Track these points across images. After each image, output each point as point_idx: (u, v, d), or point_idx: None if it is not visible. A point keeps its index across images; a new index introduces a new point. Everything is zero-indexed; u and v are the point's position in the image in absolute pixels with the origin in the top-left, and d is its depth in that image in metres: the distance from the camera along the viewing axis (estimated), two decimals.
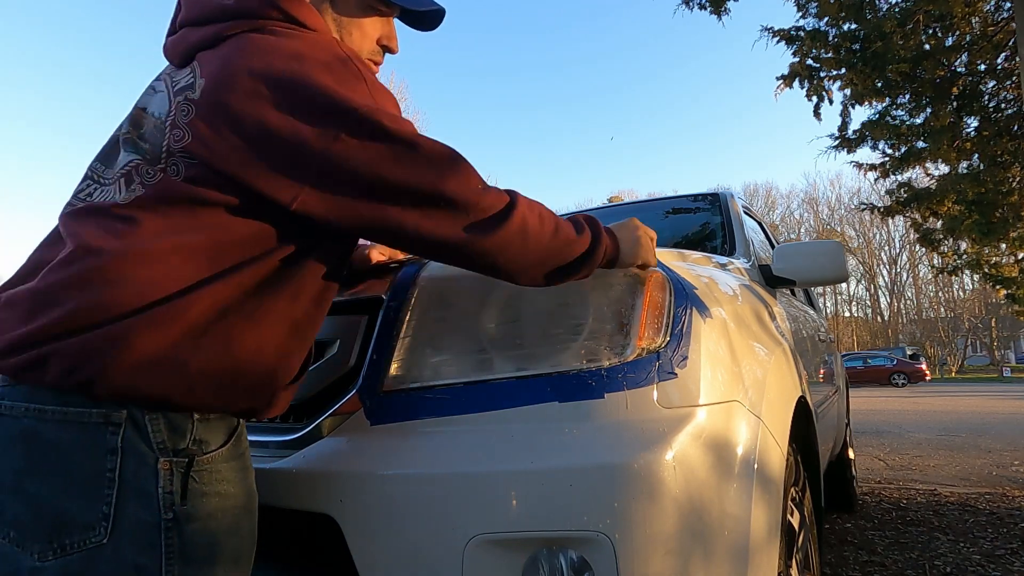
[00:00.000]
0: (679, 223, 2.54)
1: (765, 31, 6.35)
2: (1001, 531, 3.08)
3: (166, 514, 0.71)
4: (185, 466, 0.73)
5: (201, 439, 0.75)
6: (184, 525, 0.72)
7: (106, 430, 0.70)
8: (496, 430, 0.91)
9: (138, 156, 0.78)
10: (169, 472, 0.72)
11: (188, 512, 0.72)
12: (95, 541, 0.68)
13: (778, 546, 0.95)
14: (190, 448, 0.74)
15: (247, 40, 0.78)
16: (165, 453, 0.72)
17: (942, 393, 17.62)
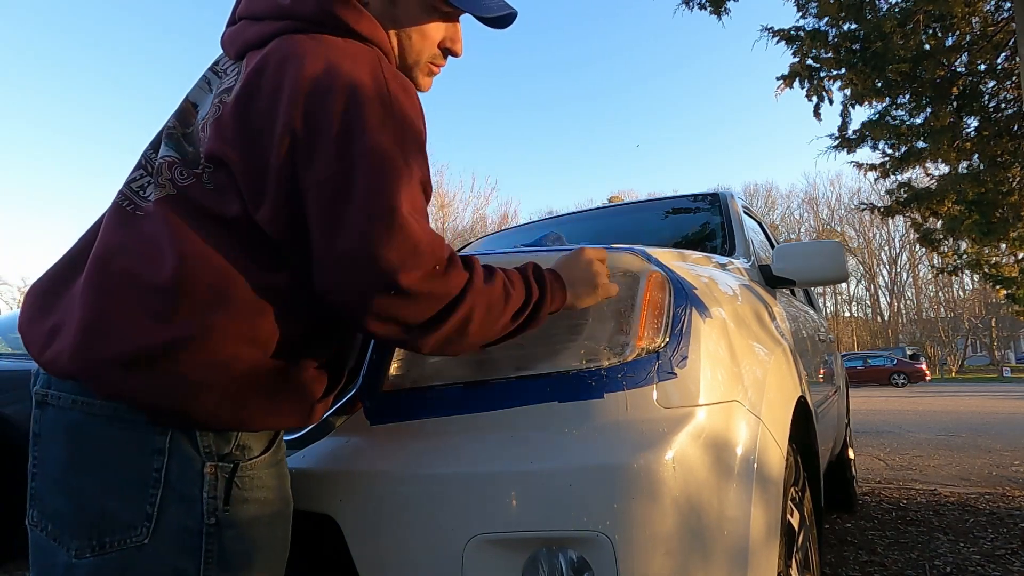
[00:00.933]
0: (679, 223, 2.54)
1: (765, 31, 6.36)
2: (1001, 531, 3.08)
3: (209, 519, 0.70)
4: (230, 471, 0.73)
5: (245, 444, 0.75)
6: (225, 531, 0.71)
7: (154, 430, 0.69)
8: (496, 430, 0.91)
9: (178, 155, 0.77)
10: (214, 477, 0.71)
11: (230, 518, 0.72)
12: (136, 541, 0.68)
13: (778, 546, 0.95)
14: (234, 453, 0.73)
15: (290, 44, 0.76)
16: (211, 457, 0.71)
17: (942, 393, 17.62)
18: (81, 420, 0.70)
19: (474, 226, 27.47)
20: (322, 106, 0.71)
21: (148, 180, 0.78)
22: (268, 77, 0.73)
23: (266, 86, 0.73)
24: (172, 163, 0.77)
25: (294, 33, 0.78)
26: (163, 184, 0.75)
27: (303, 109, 0.71)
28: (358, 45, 0.77)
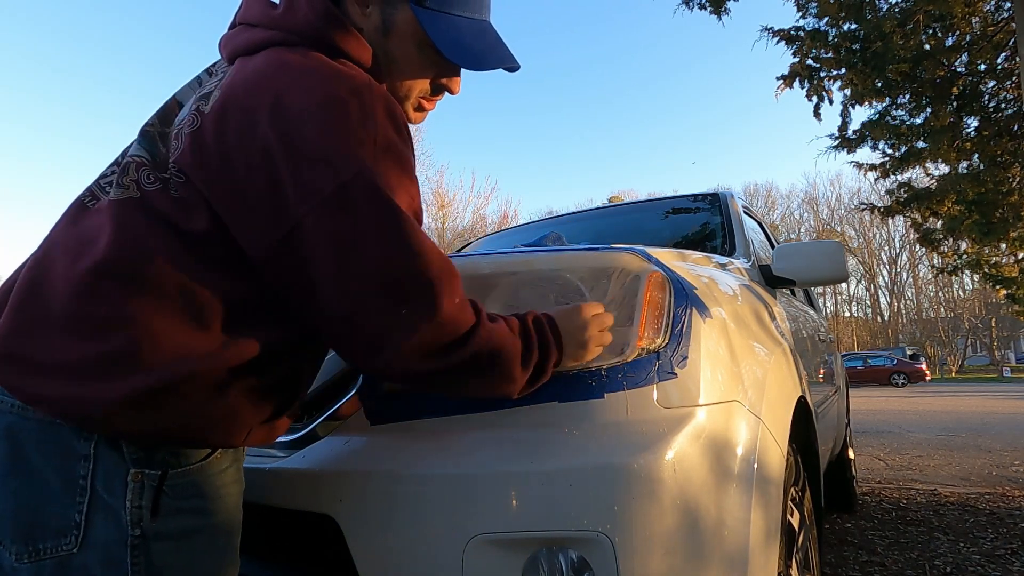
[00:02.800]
0: (679, 223, 2.54)
1: (765, 31, 6.36)
2: (1001, 531, 3.08)
3: (133, 531, 0.66)
4: (158, 479, 0.68)
5: (178, 452, 0.70)
6: (153, 543, 0.67)
7: (79, 436, 0.66)
8: (496, 430, 0.91)
9: (148, 156, 0.74)
10: (139, 485, 0.67)
11: (158, 530, 0.67)
12: (66, 550, 0.65)
13: (778, 546, 0.95)
14: (167, 460, 0.69)
15: (277, 58, 0.73)
16: (138, 464, 0.67)
17: (942, 393, 17.61)
18: (17, 423, 0.66)
19: (474, 226, 27.42)
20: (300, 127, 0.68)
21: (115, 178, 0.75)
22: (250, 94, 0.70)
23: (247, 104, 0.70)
24: (140, 164, 0.73)
25: (283, 45, 0.76)
26: (127, 185, 0.72)
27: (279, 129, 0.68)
28: (347, 67, 0.75)
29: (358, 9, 0.82)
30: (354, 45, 0.79)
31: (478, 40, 0.85)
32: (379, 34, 0.82)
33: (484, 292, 1.02)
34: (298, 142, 0.67)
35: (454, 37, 0.82)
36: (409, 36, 0.82)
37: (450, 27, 0.82)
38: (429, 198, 26.90)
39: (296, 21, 0.77)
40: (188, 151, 0.72)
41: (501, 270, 1.04)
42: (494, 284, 1.03)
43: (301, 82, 0.70)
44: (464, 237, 24.67)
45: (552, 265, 1.02)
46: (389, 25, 0.82)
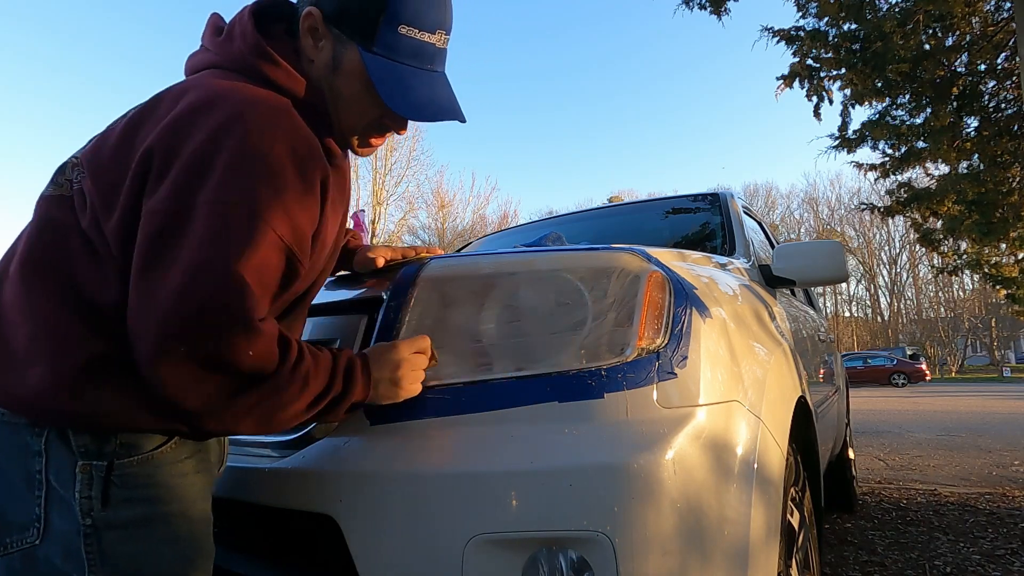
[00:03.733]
0: (679, 223, 2.54)
1: (765, 31, 6.36)
2: (1001, 531, 3.08)
3: (84, 520, 0.69)
4: (105, 470, 0.70)
5: (129, 443, 0.72)
6: (105, 532, 0.69)
7: (32, 432, 0.70)
8: (496, 430, 0.91)
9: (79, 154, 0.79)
10: (88, 476, 0.70)
11: (109, 519, 0.70)
12: (30, 543, 0.69)
13: (778, 546, 0.95)
14: (116, 451, 0.71)
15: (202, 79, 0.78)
16: (86, 456, 0.70)
17: (942, 393, 17.61)
18: None
19: (474, 226, 27.44)
20: (185, 137, 0.70)
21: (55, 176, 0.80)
22: (161, 104, 0.75)
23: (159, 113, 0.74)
24: (75, 163, 0.78)
25: (218, 69, 0.81)
26: (62, 183, 0.77)
27: (168, 136, 0.71)
28: (266, 93, 0.77)
29: (311, 42, 0.85)
30: (282, 76, 0.82)
31: (423, 90, 0.86)
32: (328, 69, 0.85)
33: (485, 291, 1.02)
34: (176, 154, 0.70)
35: (397, 85, 0.84)
36: (356, 76, 0.84)
37: (394, 75, 0.84)
38: (429, 198, 26.92)
39: (231, 50, 0.82)
40: (89, 149, 0.77)
41: (501, 270, 1.04)
42: (494, 284, 1.03)
43: (208, 101, 0.73)
44: (464, 237, 24.68)
45: (552, 265, 1.02)
46: (339, 62, 0.85)
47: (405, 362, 0.89)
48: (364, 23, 0.82)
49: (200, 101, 0.73)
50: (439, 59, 0.89)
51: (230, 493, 1.02)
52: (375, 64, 0.83)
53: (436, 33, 0.86)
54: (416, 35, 0.84)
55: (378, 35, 0.83)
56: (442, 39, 0.88)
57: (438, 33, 0.87)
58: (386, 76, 0.83)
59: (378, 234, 23.95)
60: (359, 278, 1.20)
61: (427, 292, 1.05)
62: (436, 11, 0.86)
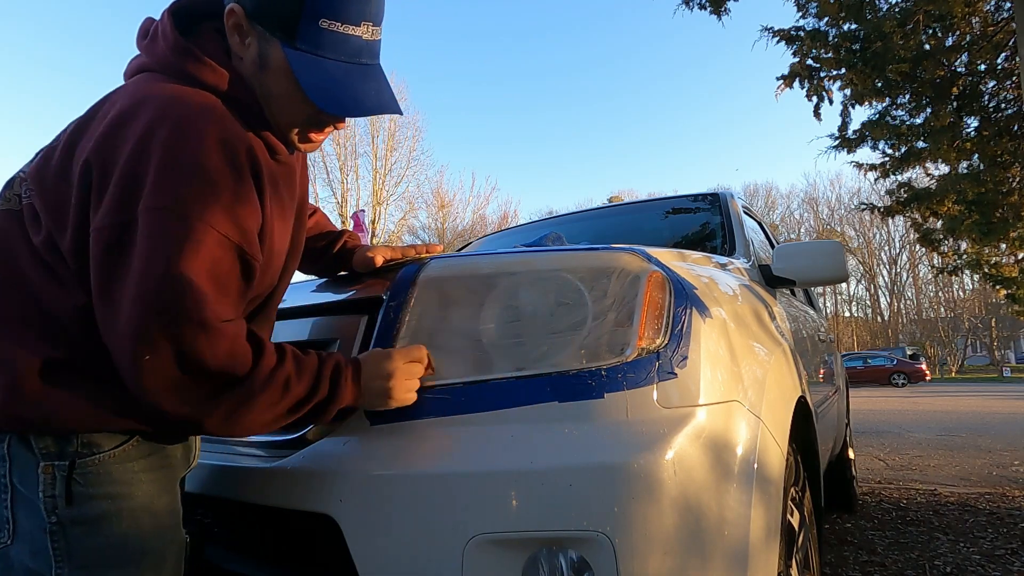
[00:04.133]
0: (679, 223, 2.54)
1: (765, 31, 6.36)
2: (1001, 531, 3.08)
3: (50, 519, 0.72)
4: (67, 469, 0.73)
5: (90, 442, 0.75)
6: (70, 529, 0.72)
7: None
8: (496, 430, 0.91)
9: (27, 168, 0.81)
10: (50, 476, 0.72)
11: (73, 516, 0.72)
12: (3, 543, 0.72)
13: (778, 546, 0.95)
14: (77, 451, 0.74)
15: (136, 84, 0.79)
16: (47, 457, 0.73)
17: (942, 393, 17.61)
18: None
19: (474, 226, 27.43)
20: (115, 149, 0.72)
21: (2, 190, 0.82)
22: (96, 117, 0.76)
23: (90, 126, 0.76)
24: (23, 178, 0.80)
25: (148, 72, 0.82)
26: (9, 197, 0.79)
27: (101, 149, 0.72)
28: (191, 92, 0.78)
29: (238, 39, 0.84)
30: (207, 73, 0.81)
31: (350, 85, 0.84)
32: (256, 67, 0.84)
33: (485, 291, 1.02)
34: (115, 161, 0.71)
35: (322, 81, 0.82)
36: (283, 73, 0.83)
37: (320, 70, 0.82)
38: (429, 198, 26.92)
39: (156, 52, 0.82)
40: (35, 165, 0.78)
41: (501, 270, 1.04)
42: (494, 284, 1.03)
43: (138, 109, 0.74)
44: (464, 237, 24.67)
45: (552, 265, 1.02)
46: (265, 59, 0.83)
47: (398, 371, 0.89)
48: (284, 19, 0.81)
49: (126, 109, 0.74)
50: (368, 51, 0.86)
51: (230, 493, 1.02)
52: (298, 60, 0.82)
53: (361, 25, 0.84)
54: (339, 28, 0.82)
55: (299, 30, 0.81)
56: (369, 30, 0.85)
57: (363, 25, 0.84)
58: (310, 72, 0.82)
59: (378, 234, 23.96)
60: (359, 278, 1.20)
61: (427, 292, 1.04)
62: (358, 3, 0.83)
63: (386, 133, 25.30)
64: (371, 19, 0.85)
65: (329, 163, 24.46)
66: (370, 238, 13.94)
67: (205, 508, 1.08)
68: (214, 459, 1.08)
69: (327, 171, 24.48)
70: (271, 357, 0.78)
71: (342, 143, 24.44)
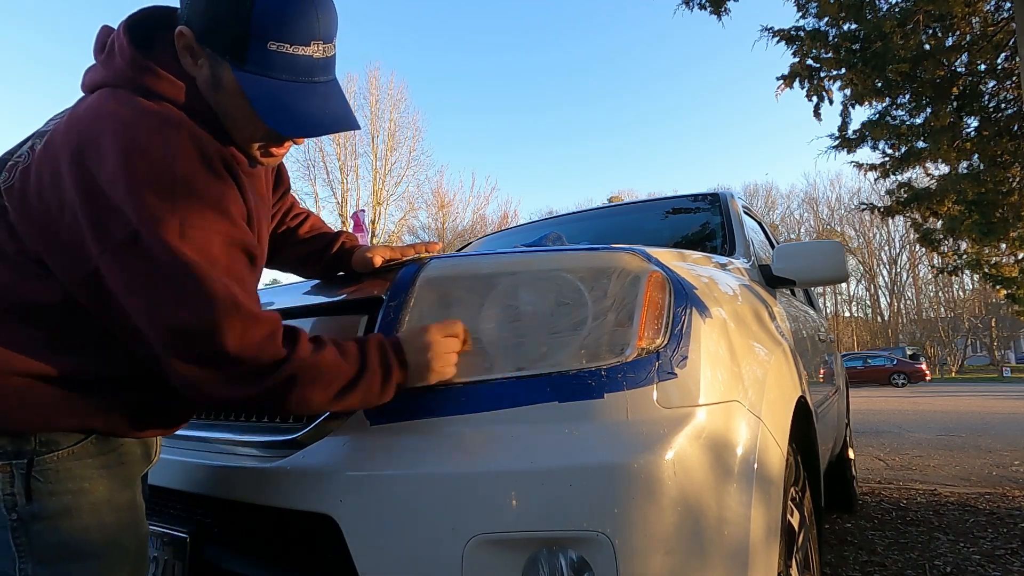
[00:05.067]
0: (679, 223, 2.54)
1: (765, 31, 6.36)
2: (1001, 531, 3.08)
3: (11, 515, 0.73)
4: (25, 467, 0.74)
5: (48, 440, 0.76)
6: (31, 524, 0.74)
7: None
8: (496, 430, 0.91)
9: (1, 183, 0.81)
10: (8, 475, 0.74)
11: (34, 512, 0.74)
12: None
13: (778, 546, 0.95)
14: (35, 449, 0.75)
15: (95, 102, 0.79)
16: (5, 456, 0.74)
17: (942, 393, 17.61)
18: None
19: (474, 226, 27.43)
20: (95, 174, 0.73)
21: None
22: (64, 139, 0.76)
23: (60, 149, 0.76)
24: None
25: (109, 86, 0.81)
26: None
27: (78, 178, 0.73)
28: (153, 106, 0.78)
29: (190, 60, 0.84)
30: (166, 87, 0.82)
31: (303, 105, 0.84)
32: (210, 88, 0.84)
33: (485, 291, 1.02)
34: (94, 188, 0.73)
35: (275, 102, 0.82)
36: (236, 94, 0.83)
37: (272, 92, 0.82)
38: (429, 198, 26.92)
39: (114, 66, 0.82)
40: (16, 187, 0.79)
41: (501, 270, 1.04)
42: (494, 284, 1.03)
43: (105, 128, 0.75)
44: (464, 237, 24.67)
45: (552, 265, 1.02)
46: (218, 81, 0.83)
47: (437, 344, 0.91)
48: (232, 42, 0.80)
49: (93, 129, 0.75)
50: (320, 69, 0.85)
51: (230, 493, 1.02)
52: (249, 82, 0.81)
53: (311, 45, 0.83)
54: (288, 50, 0.81)
55: (248, 54, 0.80)
56: (319, 48, 0.84)
57: (313, 44, 0.83)
58: (261, 94, 0.81)
59: (378, 234, 23.96)
60: (358, 278, 1.20)
61: (427, 292, 1.04)
62: (306, 24, 0.82)
63: (386, 133, 25.32)
64: (321, 37, 0.84)
65: (329, 163, 24.47)
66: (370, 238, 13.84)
67: (205, 508, 1.08)
68: (214, 459, 1.08)
69: (327, 171, 24.50)
70: (306, 341, 0.81)
71: (342, 143, 24.45)
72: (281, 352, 0.78)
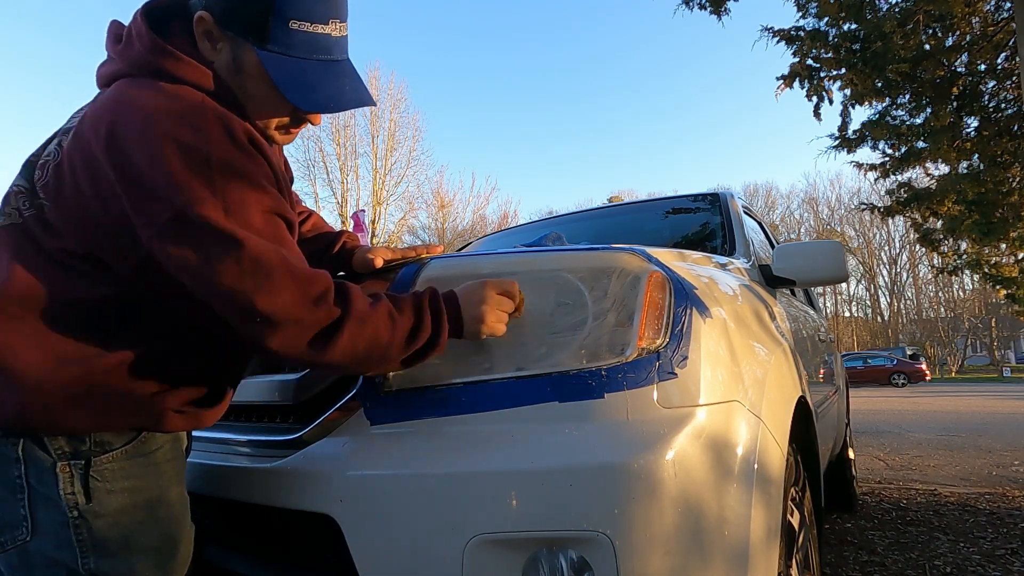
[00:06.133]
0: (679, 223, 2.54)
1: (765, 31, 6.35)
2: (1001, 531, 3.08)
3: (71, 513, 0.76)
4: (83, 467, 0.77)
5: (102, 440, 0.79)
6: (93, 521, 0.76)
7: (7, 442, 0.76)
8: (496, 430, 0.91)
9: (27, 184, 0.82)
10: (69, 475, 0.76)
11: (95, 509, 0.77)
12: (22, 539, 0.75)
13: (778, 546, 0.95)
14: (91, 450, 0.78)
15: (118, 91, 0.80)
16: (63, 457, 0.77)
17: (942, 393, 17.61)
18: None
19: (474, 226, 27.43)
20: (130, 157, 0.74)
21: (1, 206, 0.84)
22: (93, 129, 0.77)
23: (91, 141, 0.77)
24: (19, 192, 0.82)
25: (129, 76, 0.82)
26: (9, 213, 0.81)
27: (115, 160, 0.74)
28: (184, 91, 0.80)
29: (208, 45, 0.86)
30: (187, 71, 0.83)
31: (325, 82, 0.87)
32: (230, 71, 0.86)
33: None
34: (133, 175, 0.74)
35: (297, 80, 0.85)
36: (258, 75, 0.85)
37: (294, 70, 0.84)
38: (429, 198, 26.92)
39: (132, 55, 0.83)
40: (51, 183, 0.80)
41: (501, 270, 1.04)
42: None
43: (134, 115, 0.76)
44: (464, 237, 24.66)
45: (552, 265, 1.02)
46: (239, 64, 0.85)
47: (491, 298, 0.93)
48: (254, 22, 0.82)
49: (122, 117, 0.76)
50: (338, 48, 0.89)
51: (230, 493, 1.02)
52: (272, 62, 0.84)
53: (330, 23, 0.86)
54: (308, 28, 0.84)
55: (270, 33, 0.83)
56: (337, 27, 0.87)
57: (332, 23, 0.86)
58: (285, 73, 0.84)
59: (378, 234, 23.95)
60: (358, 279, 1.20)
61: None
62: (324, 2, 0.85)
63: (386, 133, 25.29)
64: (338, 16, 0.87)
65: (329, 163, 24.44)
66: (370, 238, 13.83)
67: (205, 508, 1.08)
68: (214, 459, 1.08)
69: (327, 171, 24.47)
70: (363, 296, 0.84)
71: (342, 143, 24.45)
72: (334, 314, 0.79)
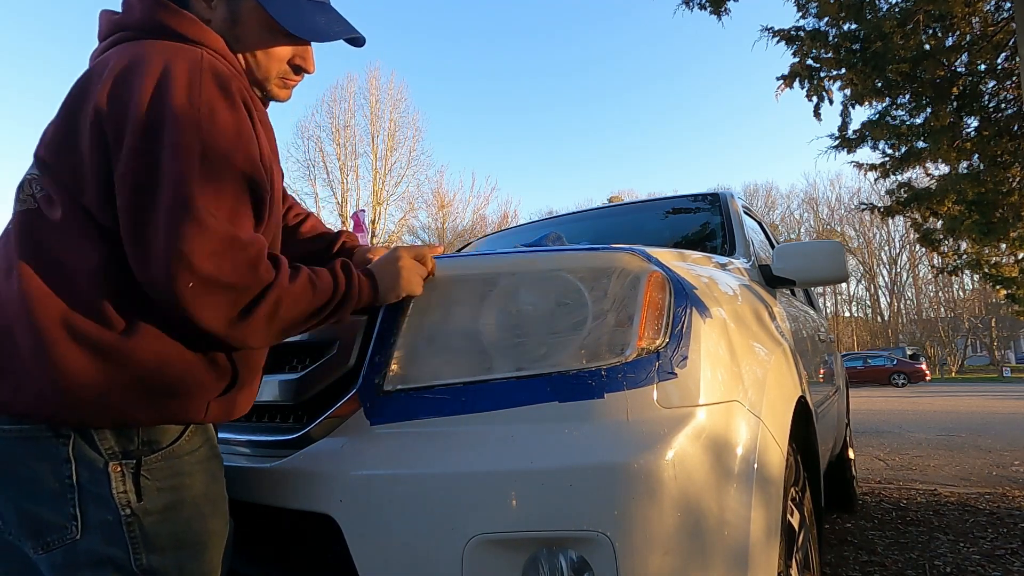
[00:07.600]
0: (679, 223, 2.54)
1: (765, 31, 6.35)
2: (1001, 531, 3.08)
3: (124, 511, 0.77)
4: (134, 467, 0.78)
5: (150, 439, 0.80)
6: (145, 518, 0.78)
7: (57, 442, 0.76)
8: (496, 430, 0.91)
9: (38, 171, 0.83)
10: (120, 474, 0.77)
11: (146, 507, 0.78)
12: (71, 538, 0.76)
13: (778, 546, 0.95)
14: (139, 449, 0.79)
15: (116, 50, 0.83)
16: (114, 457, 0.78)
17: (942, 393, 17.61)
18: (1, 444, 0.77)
19: (474, 226, 27.42)
20: (127, 102, 0.76)
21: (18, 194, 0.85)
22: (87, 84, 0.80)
23: (85, 91, 0.79)
24: (32, 179, 0.83)
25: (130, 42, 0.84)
26: (24, 199, 0.82)
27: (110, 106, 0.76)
28: (180, 46, 0.83)
29: (203, 4, 0.91)
30: (188, 26, 0.87)
31: (319, 16, 0.96)
32: (228, 24, 0.91)
33: (485, 291, 1.02)
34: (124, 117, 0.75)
35: (296, 15, 0.93)
36: (256, 22, 0.92)
37: (291, 6, 0.93)
38: (429, 198, 26.93)
39: (133, 18, 0.87)
40: (41, 143, 0.82)
41: (501, 270, 1.04)
42: (494, 284, 1.03)
43: (135, 65, 0.78)
44: (464, 237, 24.65)
45: (552, 265, 1.02)
46: (236, 15, 0.91)
47: (405, 260, 1.00)
48: None
49: (124, 66, 0.79)
50: None
51: (230, 493, 1.02)
52: (271, 2, 0.90)
53: None
54: None
55: None
56: None
57: None
58: (286, 9, 0.92)
59: (378, 234, 23.94)
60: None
61: (427, 292, 1.04)
62: None
63: (386, 133, 25.29)
64: None
65: (329, 163, 24.45)
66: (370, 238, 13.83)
67: None
68: None
69: (327, 171, 24.47)
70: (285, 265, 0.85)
71: (342, 143, 24.45)
72: (269, 271, 0.81)
